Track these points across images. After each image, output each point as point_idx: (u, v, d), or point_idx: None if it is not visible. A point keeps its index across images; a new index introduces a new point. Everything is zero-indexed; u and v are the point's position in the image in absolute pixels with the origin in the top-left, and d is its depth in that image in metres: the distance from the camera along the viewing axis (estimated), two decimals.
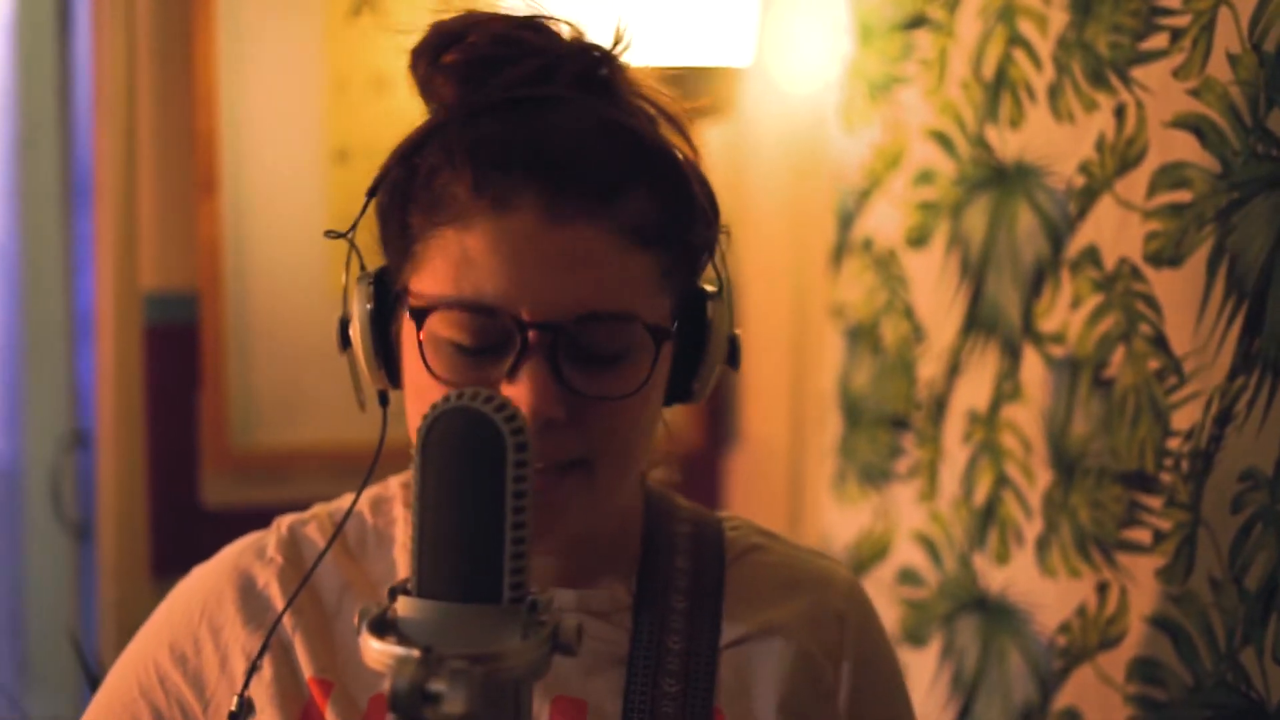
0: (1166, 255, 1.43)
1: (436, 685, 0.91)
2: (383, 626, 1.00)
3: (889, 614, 1.84)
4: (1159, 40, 1.43)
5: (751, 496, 2.33)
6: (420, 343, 1.15)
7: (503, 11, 1.22)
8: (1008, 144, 1.64)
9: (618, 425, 1.15)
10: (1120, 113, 1.48)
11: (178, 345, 2.14)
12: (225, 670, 1.24)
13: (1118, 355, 1.49)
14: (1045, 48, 1.58)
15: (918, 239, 1.79)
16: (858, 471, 1.91)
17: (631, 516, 1.30)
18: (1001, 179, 1.65)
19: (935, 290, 1.75)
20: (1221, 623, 1.36)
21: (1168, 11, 1.42)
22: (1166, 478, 1.43)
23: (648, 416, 1.20)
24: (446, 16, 1.20)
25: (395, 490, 1.33)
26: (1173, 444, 1.42)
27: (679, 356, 1.22)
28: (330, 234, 1.21)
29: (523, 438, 0.99)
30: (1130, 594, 1.48)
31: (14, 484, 2.76)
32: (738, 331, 1.26)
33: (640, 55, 1.93)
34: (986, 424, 1.67)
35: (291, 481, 2.16)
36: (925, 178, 1.77)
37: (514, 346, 1.11)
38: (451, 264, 1.13)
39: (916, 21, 1.79)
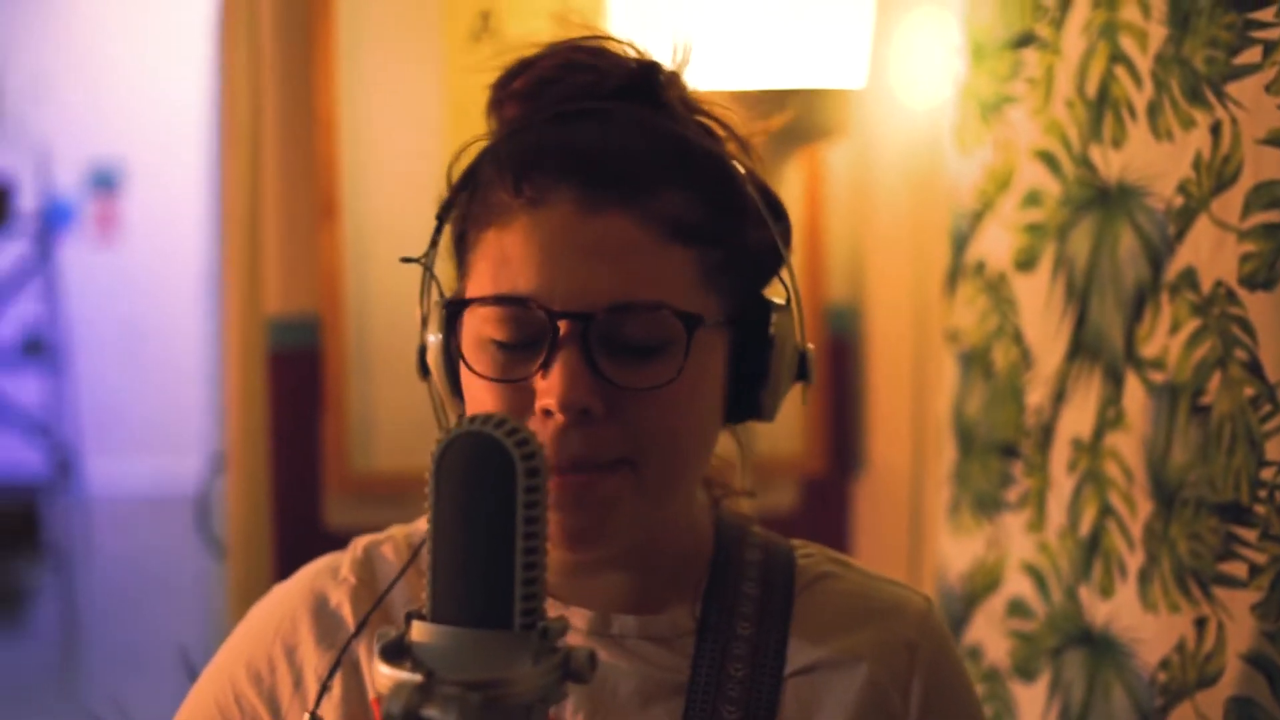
0: (1260, 277, 1.37)
1: (431, 711, 0.92)
2: (399, 651, 1.01)
3: (999, 646, 1.80)
4: (1252, 54, 1.38)
5: (877, 524, 2.29)
6: (458, 342, 1.17)
7: (576, 39, 1.26)
8: (1110, 164, 1.59)
9: (659, 421, 1.15)
10: (1216, 130, 1.43)
11: (301, 369, 2.18)
12: (299, 690, 1.26)
13: (1214, 381, 1.43)
14: (1145, 64, 1.53)
15: (1025, 262, 1.74)
16: (971, 500, 1.87)
17: (701, 540, 1.29)
18: (1104, 200, 1.60)
19: (1043, 314, 1.71)
20: None
21: (1261, 25, 1.37)
22: (1260, 509, 1.37)
23: (695, 416, 1.18)
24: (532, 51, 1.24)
25: None
26: (1267, 474, 1.36)
27: (743, 368, 1.21)
28: (406, 260, 1.24)
29: (535, 463, 0.99)
30: (1228, 630, 1.42)
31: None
32: (810, 346, 1.25)
33: (754, 78, 1.93)
34: (1090, 452, 1.62)
35: (412, 505, 2.14)
36: (1033, 199, 1.73)
37: (547, 339, 1.12)
38: (492, 265, 1.16)
39: (1025, 40, 1.75)
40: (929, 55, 2.02)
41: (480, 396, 1.18)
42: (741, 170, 1.23)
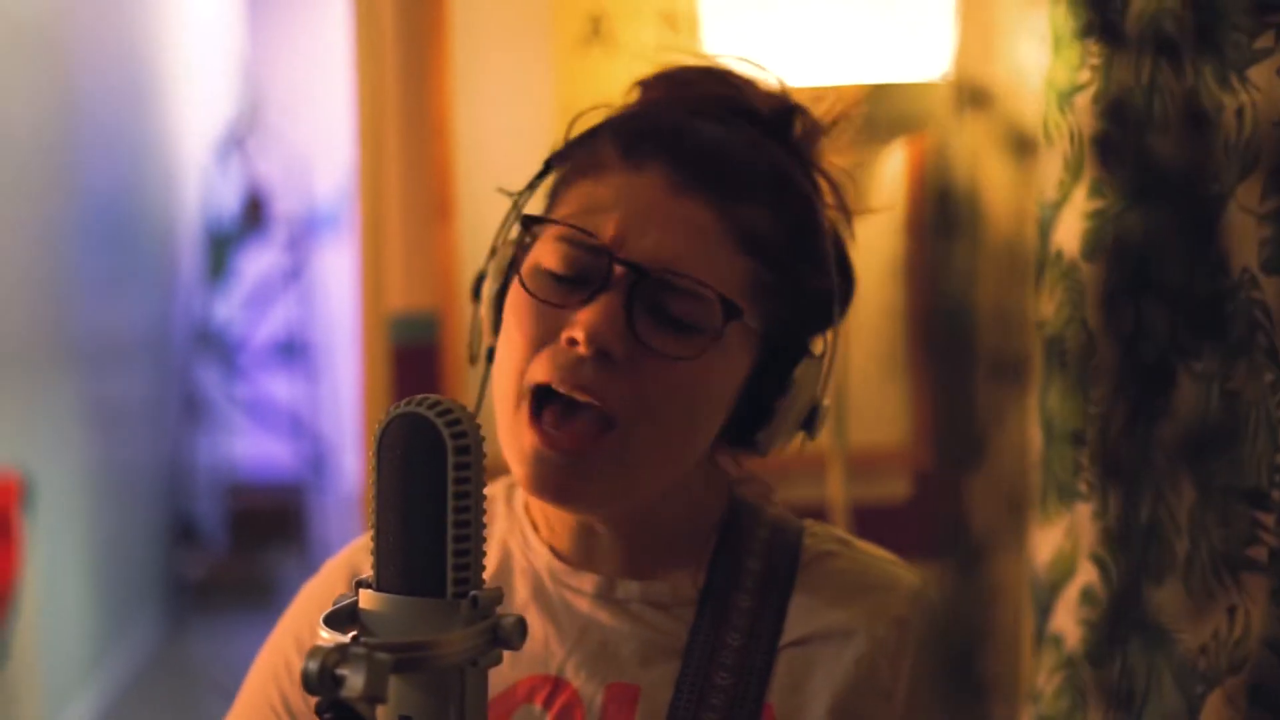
0: (1276, 263, 1.37)
1: (344, 670, 1.00)
2: (348, 617, 1.10)
3: (1074, 634, 1.80)
4: (1266, 39, 1.38)
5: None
6: (519, 265, 1.26)
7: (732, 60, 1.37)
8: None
9: (665, 389, 1.22)
10: (1240, 115, 1.43)
11: (421, 364, 2.27)
12: None
13: (1241, 367, 1.43)
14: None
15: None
16: (1055, 489, 1.87)
17: (707, 516, 1.36)
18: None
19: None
20: None
21: (1274, 7, 1.37)
22: (1276, 494, 1.37)
23: (696, 406, 1.26)
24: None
25: (496, 490, 1.42)
26: None
27: (755, 400, 1.28)
28: (502, 191, 1.35)
29: (465, 442, 1.06)
30: (1253, 616, 1.42)
31: None
32: (827, 402, 1.31)
33: (841, 73, 1.97)
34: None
35: None
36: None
37: (599, 278, 1.21)
38: (577, 206, 1.27)
39: (1091, 28, 1.75)
40: (1016, 46, 2.02)
41: (512, 321, 1.27)
42: (827, 226, 1.31)
